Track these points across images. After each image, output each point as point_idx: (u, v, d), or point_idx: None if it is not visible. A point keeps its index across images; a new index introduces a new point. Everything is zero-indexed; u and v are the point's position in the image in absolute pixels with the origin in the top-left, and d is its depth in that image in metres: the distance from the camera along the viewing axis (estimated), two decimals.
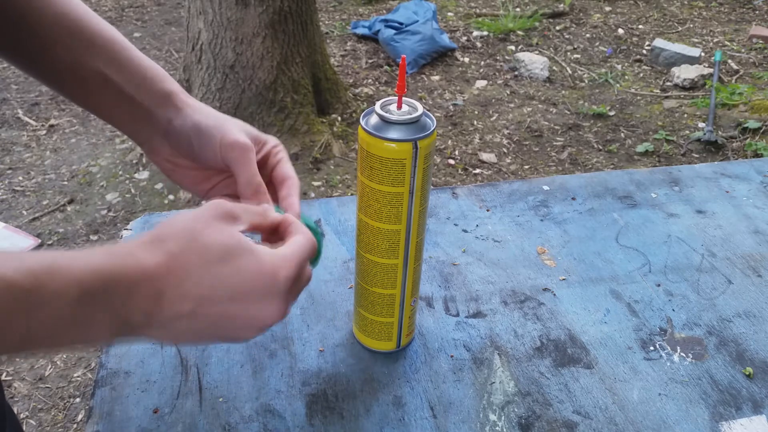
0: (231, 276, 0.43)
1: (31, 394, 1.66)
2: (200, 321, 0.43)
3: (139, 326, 0.41)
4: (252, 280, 0.44)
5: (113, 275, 0.39)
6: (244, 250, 0.44)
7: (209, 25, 2.43)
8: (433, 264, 0.79)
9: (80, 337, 0.40)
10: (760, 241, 0.85)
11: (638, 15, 4.07)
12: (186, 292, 0.42)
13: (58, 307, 0.37)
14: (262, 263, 0.44)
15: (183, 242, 0.43)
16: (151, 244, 0.42)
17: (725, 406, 0.63)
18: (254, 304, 0.44)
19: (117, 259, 0.40)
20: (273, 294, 0.45)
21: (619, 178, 0.96)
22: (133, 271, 0.40)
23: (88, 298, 0.38)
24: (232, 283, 0.43)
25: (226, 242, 0.44)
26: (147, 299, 0.41)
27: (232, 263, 0.43)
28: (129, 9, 3.99)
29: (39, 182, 2.47)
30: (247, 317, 0.44)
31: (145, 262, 0.41)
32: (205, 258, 0.42)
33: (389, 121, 0.55)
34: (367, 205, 0.58)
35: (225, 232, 0.44)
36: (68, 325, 0.38)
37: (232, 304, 0.43)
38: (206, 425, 0.59)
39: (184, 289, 0.42)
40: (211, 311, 0.43)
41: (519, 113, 2.98)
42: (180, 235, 0.43)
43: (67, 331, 0.39)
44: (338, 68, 3.18)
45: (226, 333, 0.45)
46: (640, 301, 0.75)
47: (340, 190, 2.41)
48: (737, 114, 2.95)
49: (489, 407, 0.62)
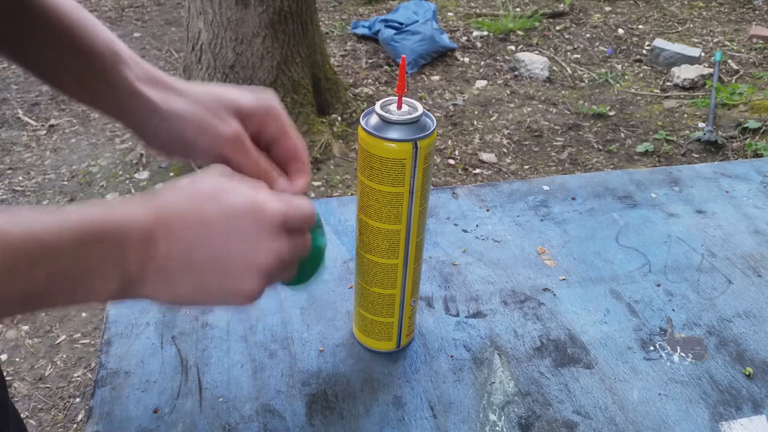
0: (219, 213, 0.42)
1: (31, 394, 1.66)
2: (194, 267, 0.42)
3: (136, 279, 0.41)
4: (242, 215, 0.43)
5: (105, 225, 0.40)
6: (233, 187, 0.44)
7: (209, 25, 2.43)
8: (433, 264, 0.79)
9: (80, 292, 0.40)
10: (760, 241, 0.85)
11: (638, 15, 4.07)
12: (176, 235, 0.41)
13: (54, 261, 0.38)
14: (251, 197, 0.44)
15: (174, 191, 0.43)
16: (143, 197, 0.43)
17: (725, 406, 0.63)
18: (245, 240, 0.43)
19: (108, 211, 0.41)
20: (263, 228, 0.43)
21: (619, 178, 0.96)
22: (123, 219, 0.40)
23: (84, 247, 0.39)
24: (220, 219, 0.42)
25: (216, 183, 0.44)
26: (139, 247, 0.41)
27: (220, 200, 0.43)
28: (129, 9, 3.99)
29: (39, 182, 2.47)
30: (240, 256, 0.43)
31: (135, 210, 0.41)
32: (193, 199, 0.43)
33: (389, 121, 0.55)
34: (367, 205, 0.58)
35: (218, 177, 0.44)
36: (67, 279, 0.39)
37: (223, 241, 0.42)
38: (206, 425, 0.59)
39: (174, 232, 0.41)
40: (202, 253, 0.42)
41: (519, 113, 2.98)
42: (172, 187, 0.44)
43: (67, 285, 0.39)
44: (338, 68, 3.18)
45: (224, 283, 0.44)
46: (640, 301, 0.75)
47: (340, 190, 2.41)
48: (737, 114, 2.95)
49: (489, 407, 0.62)
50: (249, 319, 0.70)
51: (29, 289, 0.37)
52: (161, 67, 3.35)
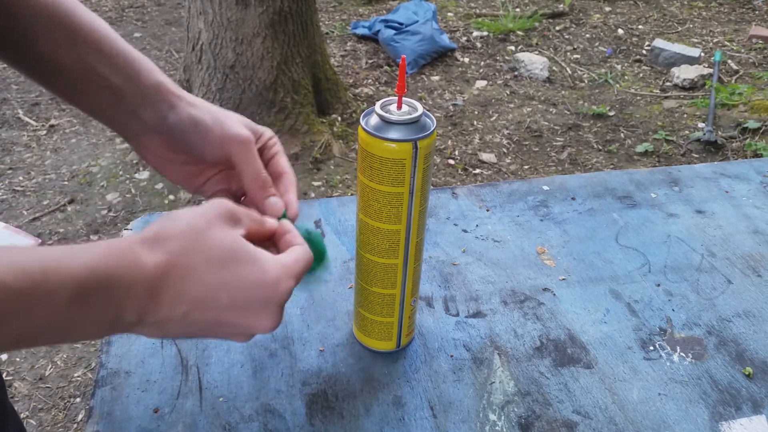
0: (232, 282, 0.42)
1: (32, 393, 1.66)
2: (193, 324, 0.42)
3: (130, 324, 0.41)
4: (253, 289, 0.43)
5: (110, 275, 0.38)
6: (248, 255, 0.43)
7: (209, 26, 2.43)
8: (433, 264, 0.79)
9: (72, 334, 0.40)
10: (759, 241, 0.85)
11: (638, 15, 4.07)
12: (183, 294, 0.41)
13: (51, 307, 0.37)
14: (265, 273, 0.43)
15: (185, 242, 0.42)
16: (151, 242, 0.41)
17: (725, 406, 0.63)
18: (251, 313, 0.43)
19: (115, 258, 0.39)
20: (271, 305, 0.44)
21: (619, 178, 0.96)
22: (131, 270, 0.39)
23: (84, 297, 0.37)
24: (233, 289, 0.42)
25: (230, 246, 0.43)
26: (142, 299, 0.40)
27: (235, 269, 0.42)
28: (129, 9, 3.99)
29: (39, 182, 2.47)
30: (241, 325, 0.44)
31: (145, 261, 0.40)
32: (207, 260, 0.42)
33: (389, 121, 0.55)
34: (367, 205, 0.58)
35: (228, 234, 0.43)
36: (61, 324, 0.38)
37: (228, 311, 0.43)
38: (206, 425, 0.59)
39: (182, 290, 0.41)
40: (205, 316, 0.42)
41: (519, 113, 2.98)
42: (183, 234, 0.42)
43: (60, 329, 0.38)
44: (338, 68, 3.18)
45: (215, 335, 0.45)
46: (639, 301, 0.75)
47: (340, 190, 2.41)
48: (737, 114, 2.95)
49: (489, 407, 0.62)
50: None
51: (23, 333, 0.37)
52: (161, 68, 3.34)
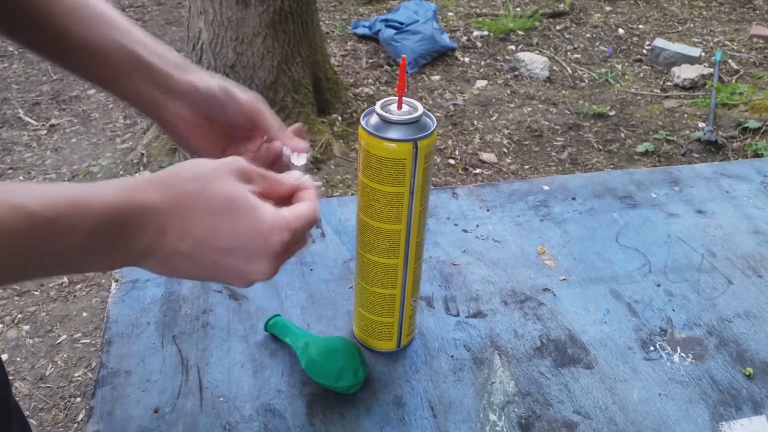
0: (228, 229, 0.45)
1: (32, 393, 1.66)
2: (195, 262, 0.45)
3: (139, 256, 0.44)
4: (245, 238, 0.45)
5: (125, 211, 0.42)
6: (248, 206, 0.46)
7: (210, 25, 2.43)
8: (434, 264, 0.79)
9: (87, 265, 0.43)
10: (760, 241, 0.85)
11: (638, 15, 4.07)
12: (186, 232, 0.44)
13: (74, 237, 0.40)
14: (258, 223, 0.45)
15: (193, 186, 0.45)
16: (163, 182, 0.44)
17: (725, 407, 0.63)
18: (245, 260, 0.46)
19: (129, 196, 0.42)
20: (263, 254, 0.46)
21: (619, 178, 0.96)
22: (143, 207, 0.42)
23: (102, 230, 0.41)
24: (228, 236, 0.45)
25: (232, 196, 0.45)
26: (150, 232, 0.43)
27: (232, 218, 0.45)
28: (129, 9, 3.99)
29: (40, 182, 2.47)
30: (237, 270, 0.46)
31: (154, 199, 0.43)
32: (209, 205, 0.45)
33: (389, 121, 0.55)
34: (367, 205, 0.58)
35: (235, 186, 0.46)
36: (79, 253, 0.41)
37: (224, 255, 0.45)
38: (207, 425, 0.59)
39: (185, 229, 0.44)
40: (205, 256, 0.45)
41: (519, 113, 2.98)
42: (193, 178, 0.45)
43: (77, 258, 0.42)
44: (339, 68, 3.18)
45: (218, 278, 0.48)
46: (640, 301, 0.75)
47: (340, 189, 2.41)
48: (737, 114, 2.95)
49: (489, 407, 0.62)
50: (249, 318, 0.70)
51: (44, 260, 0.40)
52: None
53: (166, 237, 0.44)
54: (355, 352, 0.62)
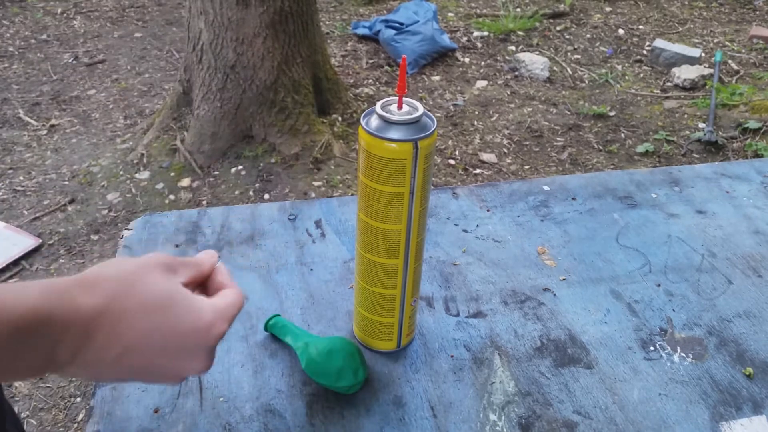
0: (165, 327, 0.43)
1: (32, 393, 1.66)
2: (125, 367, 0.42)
3: (63, 363, 0.41)
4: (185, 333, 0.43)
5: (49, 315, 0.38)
6: (182, 300, 0.44)
7: (210, 26, 2.43)
8: (434, 264, 0.79)
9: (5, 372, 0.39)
10: (760, 241, 0.85)
11: (639, 15, 4.07)
12: (117, 338, 0.41)
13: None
14: (199, 318, 0.44)
15: (121, 286, 0.42)
16: (89, 285, 0.41)
17: (725, 407, 0.63)
18: (181, 357, 0.44)
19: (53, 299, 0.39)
20: (202, 349, 0.44)
21: (620, 178, 0.96)
22: (68, 312, 0.39)
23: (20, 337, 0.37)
24: (164, 334, 0.43)
25: (165, 291, 0.43)
26: (77, 339, 0.40)
27: (169, 313, 0.43)
28: (130, 9, 3.99)
29: (40, 182, 2.47)
30: (171, 368, 0.44)
31: (82, 303, 0.40)
32: (141, 305, 0.42)
33: (390, 121, 0.55)
34: (367, 205, 0.58)
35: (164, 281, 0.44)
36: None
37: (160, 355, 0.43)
38: (207, 425, 0.59)
39: (115, 334, 0.41)
40: (137, 360, 0.42)
41: (519, 113, 2.98)
42: (119, 278, 0.42)
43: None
44: (339, 68, 3.18)
45: (146, 379, 0.45)
46: (640, 301, 0.75)
47: (340, 190, 2.41)
48: (737, 114, 2.94)
49: (489, 407, 0.62)
50: (250, 319, 0.70)
51: None
52: (162, 68, 3.36)
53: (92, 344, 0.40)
54: (355, 352, 0.62)
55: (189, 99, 2.65)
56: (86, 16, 3.90)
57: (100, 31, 3.72)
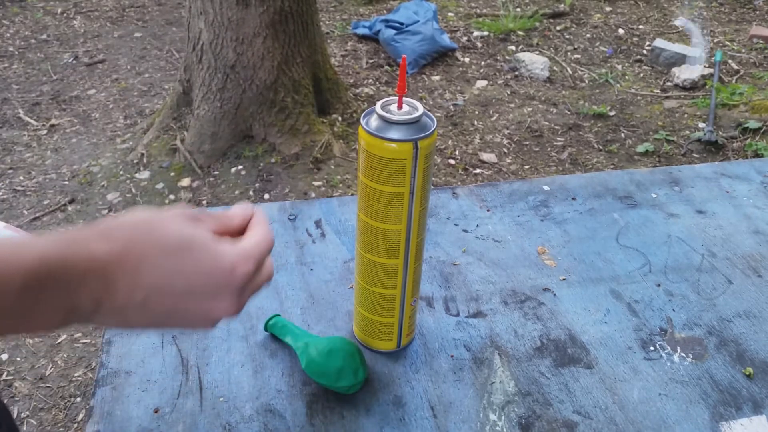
0: (186, 269, 0.42)
1: (32, 393, 1.66)
2: (151, 311, 0.42)
3: (88, 313, 0.40)
4: (207, 275, 0.43)
5: (63, 263, 0.38)
6: (203, 242, 0.43)
7: (210, 25, 2.43)
8: (434, 264, 0.79)
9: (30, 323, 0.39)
10: (760, 241, 0.85)
11: (639, 15, 4.07)
12: (138, 282, 0.41)
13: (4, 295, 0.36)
14: (219, 258, 0.43)
15: (140, 231, 0.42)
16: (106, 232, 0.41)
17: (725, 406, 0.63)
18: (208, 299, 0.43)
19: (67, 247, 0.39)
20: (227, 290, 0.43)
21: (620, 178, 0.96)
22: (84, 259, 0.39)
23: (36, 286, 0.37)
24: (187, 276, 0.42)
25: (185, 234, 0.43)
26: (97, 286, 0.39)
27: (189, 255, 0.42)
28: (130, 9, 3.99)
29: (40, 182, 2.47)
30: (199, 311, 0.43)
31: (97, 250, 0.39)
32: (161, 248, 0.41)
33: (390, 121, 0.55)
34: (367, 205, 0.58)
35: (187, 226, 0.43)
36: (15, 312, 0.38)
37: (184, 297, 0.42)
38: (207, 425, 0.59)
39: (137, 278, 0.41)
40: (162, 303, 0.42)
41: (519, 113, 2.98)
42: (137, 224, 0.42)
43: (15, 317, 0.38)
44: (339, 68, 3.18)
45: (177, 323, 0.44)
46: (640, 301, 0.75)
47: (340, 189, 2.41)
48: (737, 114, 2.94)
49: (489, 407, 0.62)
50: (250, 319, 0.70)
51: None
52: (162, 68, 3.36)
53: (116, 290, 0.40)
54: (355, 352, 0.62)
55: (189, 99, 2.65)
56: (86, 16, 3.90)
57: (100, 31, 3.72)
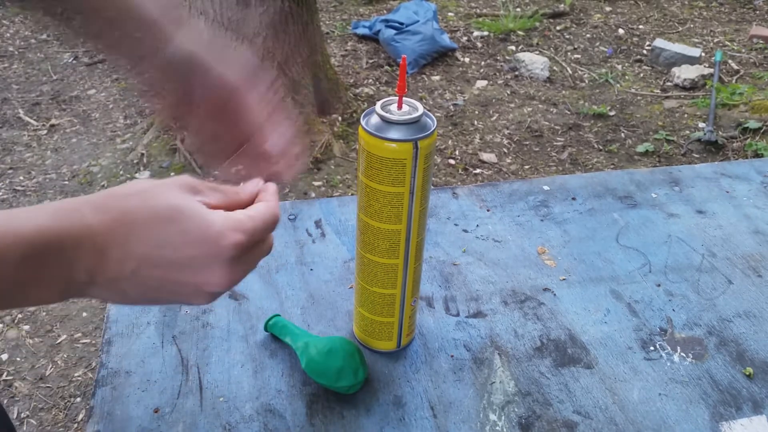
0: (174, 238, 0.41)
1: (32, 393, 1.66)
2: (144, 282, 0.42)
3: (83, 284, 0.40)
4: (194, 244, 0.42)
5: (58, 234, 0.38)
6: (192, 212, 0.42)
7: (210, 26, 2.43)
8: (434, 264, 0.79)
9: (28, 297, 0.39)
10: (760, 241, 0.85)
11: (639, 15, 4.07)
12: (129, 251, 0.40)
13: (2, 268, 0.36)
14: (207, 227, 0.42)
15: (133, 201, 0.41)
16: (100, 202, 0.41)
17: (725, 406, 0.63)
18: (196, 270, 0.42)
19: (62, 217, 0.39)
20: (217, 260, 0.42)
21: (620, 178, 0.96)
22: (78, 228, 0.39)
23: (34, 257, 0.37)
24: (175, 246, 0.41)
25: (176, 203, 0.42)
26: (90, 256, 0.39)
27: (177, 225, 0.41)
28: None
29: (40, 182, 2.47)
30: (191, 283, 0.43)
31: (90, 220, 0.40)
32: (151, 218, 0.41)
33: (390, 121, 0.55)
34: (367, 205, 0.58)
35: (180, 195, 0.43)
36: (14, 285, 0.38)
37: (173, 268, 0.42)
38: (207, 425, 0.59)
39: (128, 247, 0.40)
40: (153, 273, 0.41)
41: (519, 113, 2.98)
42: (132, 194, 0.42)
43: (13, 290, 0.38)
44: (339, 68, 3.18)
45: (173, 296, 0.44)
46: (640, 301, 0.75)
47: (340, 189, 2.41)
48: (737, 114, 2.94)
49: (489, 407, 0.62)
50: (250, 318, 0.70)
51: None
52: None
53: (107, 260, 0.40)
54: (355, 352, 0.62)
55: None
56: None
57: None
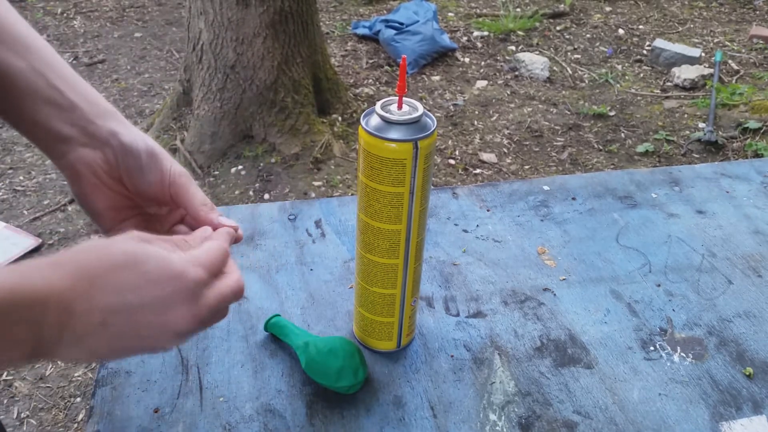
0: (136, 281, 0.42)
1: (32, 393, 1.66)
2: (112, 332, 0.42)
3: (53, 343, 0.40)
4: (156, 283, 0.42)
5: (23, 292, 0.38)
6: (150, 255, 0.43)
7: (210, 26, 2.43)
8: (434, 264, 0.79)
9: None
10: (760, 241, 0.85)
11: (639, 15, 4.07)
12: (93, 304, 0.41)
13: None
14: (168, 265, 0.43)
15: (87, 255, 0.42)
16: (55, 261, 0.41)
17: (725, 406, 0.63)
18: (164, 309, 0.43)
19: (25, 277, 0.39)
20: (182, 297, 0.43)
21: (620, 178, 0.96)
22: (42, 287, 0.39)
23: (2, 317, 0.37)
24: (138, 288, 0.42)
25: (131, 249, 0.43)
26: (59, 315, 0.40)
27: (136, 268, 0.42)
28: (130, 9, 3.99)
29: (40, 182, 2.47)
30: (158, 324, 0.43)
31: (52, 278, 0.40)
32: (109, 267, 0.42)
33: (390, 121, 0.55)
34: (367, 205, 0.58)
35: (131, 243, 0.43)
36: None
37: (140, 311, 0.42)
38: (207, 425, 0.59)
39: (92, 300, 0.41)
40: (120, 320, 0.42)
41: (519, 113, 2.98)
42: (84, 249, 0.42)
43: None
44: (339, 68, 3.18)
45: (141, 343, 0.44)
46: (640, 301, 0.75)
47: (340, 190, 2.41)
48: (737, 114, 2.94)
49: (489, 407, 0.62)
50: (250, 319, 0.70)
51: None
52: (162, 68, 3.35)
53: (74, 316, 0.40)
54: (355, 352, 0.62)
55: (189, 99, 2.65)
56: (86, 16, 3.90)
57: (100, 31, 3.72)
